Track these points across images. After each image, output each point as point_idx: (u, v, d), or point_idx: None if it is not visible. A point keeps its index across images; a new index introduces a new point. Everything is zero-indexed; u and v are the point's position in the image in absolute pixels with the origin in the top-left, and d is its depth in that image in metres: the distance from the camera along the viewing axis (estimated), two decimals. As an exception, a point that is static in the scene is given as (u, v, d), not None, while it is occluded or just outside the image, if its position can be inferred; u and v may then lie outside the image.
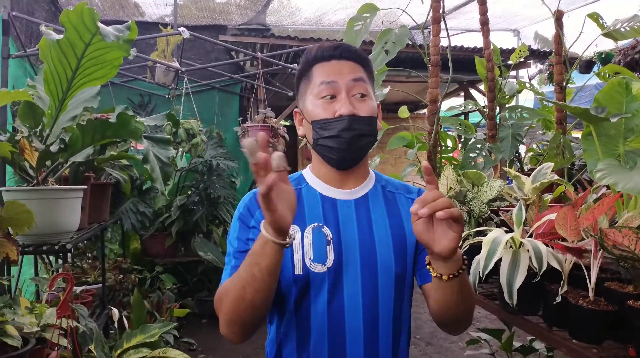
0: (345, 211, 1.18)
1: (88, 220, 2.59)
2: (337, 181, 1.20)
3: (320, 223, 1.15)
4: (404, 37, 2.15)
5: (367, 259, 1.14)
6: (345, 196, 1.20)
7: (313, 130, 1.16)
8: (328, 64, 1.16)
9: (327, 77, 1.14)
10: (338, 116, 1.12)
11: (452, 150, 2.64)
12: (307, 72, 1.19)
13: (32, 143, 2.04)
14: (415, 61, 5.18)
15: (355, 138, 1.12)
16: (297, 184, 1.23)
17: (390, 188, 1.26)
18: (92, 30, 1.66)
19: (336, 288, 1.12)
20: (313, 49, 1.19)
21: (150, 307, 3.96)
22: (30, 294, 2.90)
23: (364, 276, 1.13)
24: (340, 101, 1.13)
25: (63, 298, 1.68)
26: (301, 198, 1.19)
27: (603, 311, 1.13)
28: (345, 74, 1.14)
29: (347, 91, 1.13)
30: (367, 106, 1.15)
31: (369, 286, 1.13)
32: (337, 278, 1.13)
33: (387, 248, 1.15)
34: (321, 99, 1.14)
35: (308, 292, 1.13)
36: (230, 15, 6.18)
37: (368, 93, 1.16)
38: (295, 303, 1.14)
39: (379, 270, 1.14)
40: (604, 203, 1.23)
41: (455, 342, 4.44)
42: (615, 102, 1.43)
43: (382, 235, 1.16)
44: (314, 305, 1.12)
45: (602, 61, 4.76)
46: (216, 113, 6.16)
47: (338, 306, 1.12)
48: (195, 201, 5.00)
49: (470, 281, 1.42)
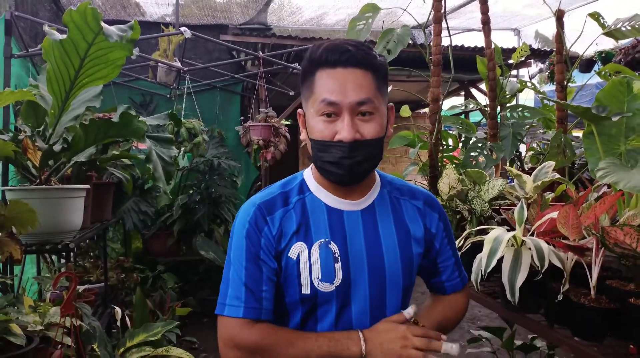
0: (352, 223, 1.12)
1: (90, 219, 2.60)
2: (342, 191, 1.14)
3: (327, 239, 1.10)
4: (406, 37, 2.15)
5: (376, 273, 1.11)
6: (351, 206, 1.14)
7: (312, 148, 1.09)
8: (333, 73, 1.03)
9: (329, 95, 1.02)
10: (337, 141, 1.03)
11: (453, 149, 2.64)
12: (310, 75, 1.07)
13: (35, 143, 2.05)
14: (417, 60, 5.18)
15: (356, 164, 1.05)
16: (300, 193, 1.15)
17: (395, 193, 1.21)
18: (95, 30, 1.67)
19: (344, 306, 1.10)
20: (318, 48, 1.06)
21: (153, 306, 3.97)
22: (33, 293, 2.91)
23: (372, 291, 1.11)
24: (341, 123, 1.03)
25: (67, 297, 1.69)
26: (306, 210, 1.12)
27: (604, 309, 1.13)
28: (349, 93, 1.02)
29: (350, 111, 1.03)
30: (372, 127, 1.05)
31: (377, 301, 1.12)
32: (345, 295, 1.10)
33: (394, 261, 1.13)
34: (322, 116, 1.05)
35: (315, 311, 1.10)
36: (231, 14, 6.18)
37: (376, 111, 1.05)
38: (301, 321, 1.12)
39: (387, 284, 1.12)
40: (605, 201, 1.24)
41: (456, 340, 4.43)
42: (616, 101, 1.44)
43: (390, 247, 1.13)
44: (320, 323, 1.10)
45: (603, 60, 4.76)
46: (217, 113, 6.17)
47: (346, 323, 1.10)
48: (197, 201, 5.01)
49: (472, 280, 1.43)
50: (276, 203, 1.13)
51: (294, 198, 1.14)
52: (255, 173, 6.11)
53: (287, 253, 1.09)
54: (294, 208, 1.12)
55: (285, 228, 1.10)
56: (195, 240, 4.98)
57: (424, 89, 6.57)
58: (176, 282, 4.78)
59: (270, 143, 4.58)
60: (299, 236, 1.10)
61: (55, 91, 1.91)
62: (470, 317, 5.07)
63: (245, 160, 5.99)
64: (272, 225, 1.09)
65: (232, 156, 5.43)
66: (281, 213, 1.11)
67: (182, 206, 4.98)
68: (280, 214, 1.11)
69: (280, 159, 4.84)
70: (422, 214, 1.20)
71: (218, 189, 5.09)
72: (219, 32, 6.07)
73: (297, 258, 1.08)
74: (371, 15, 2.22)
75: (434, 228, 1.21)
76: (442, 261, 1.24)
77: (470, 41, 6.13)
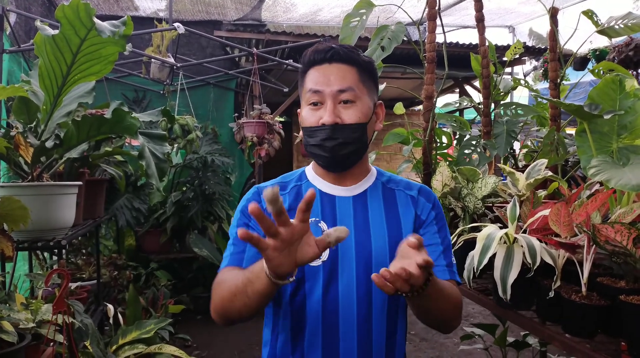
0: (344, 208, 1.20)
1: (83, 216, 2.59)
2: (335, 179, 1.23)
3: (318, 218, 1.17)
4: (400, 34, 2.15)
5: (362, 256, 1.15)
6: (343, 192, 1.21)
7: (304, 136, 1.21)
8: (320, 68, 1.16)
9: (314, 85, 1.16)
10: (321, 125, 1.14)
11: (447, 146, 2.65)
12: (303, 75, 1.21)
13: (27, 139, 2.03)
14: (411, 57, 5.19)
15: (338, 146, 1.14)
16: (298, 181, 1.26)
17: (392, 184, 1.27)
18: (87, 26, 1.65)
19: (331, 283, 1.14)
20: (309, 51, 1.20)
21: (146, 303, 3.96)
22: (24, 290, 2.89)
23: (358, 272, 1.15)
24: (324, 109, 1.14)
25: (59, 294, 1.68)
26: (300, 194, 1.22)
27: (595, 306, 1.14)
28: (332, 82, 1.14)
29: (333, 98, 1.14)
30: (352, 112, 1.15)
31: (363, 283, 1.15)
32: (332, 272, 1.15)
33: (382, 246, 1.16)
34: (309, 105, 1.17)
35: (303, 285, 1.15)
36: (225, 10, 6.16)
37: (357, 99, 1.16)
38: (290, 296, 1.16)
39: (373, 267, 1.15)
40: (597, 199, 1.25)
41: (449, 337, 4.46)
42: (608, 99, 1.45)
43: (378, 232, 1.18)
44: (308, 298, 1.15)
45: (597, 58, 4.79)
46: (211, 109, 6.14)
47: (332, 300, 1.14)
48: (190, 198, 4.99)
49: (465, 277, 1.43)
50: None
51: (290, 185, 1.26)
52: (249, 170, 6.10)
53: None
54: (289, 193, 1.24)
55: None
56: (189, 237, 4.98)
57: (418, 86, 6.57)
58: (169, 280, 4.77)
59: (264, 140, 4.56)
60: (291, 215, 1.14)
61: (47, 87, 1.90)
62: (464, 314, 5.06)
63: (239, 157, 5.98)
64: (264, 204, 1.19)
65: (226, 153, 5.41)
66: None
67: (175, 203, 4.96)
68: None
69: (274, 156, 4.83)
70: (414, 202, 1.23)
71: (211, 186, 5.07)
72: (213, 28, 6.04)
73: None
74: (365, 11, 2.22)
75: (424, 216, 1.23)
76: (427, 246, 1.18)
77: (464, 38, 6.14)
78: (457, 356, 4.09)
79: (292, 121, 7.15)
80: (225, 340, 4.35)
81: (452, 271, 1.21)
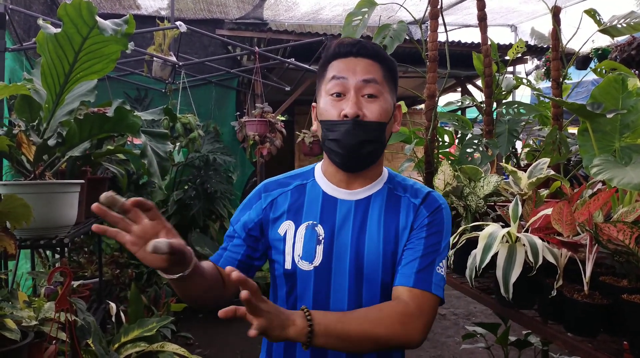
0: (344, 212, 1.16)
1: (85, 215, 2.59)
2: (344, 181, 1.18)
3: (315, 222, 1.15)
4: (402, 32, 2.15)
5: (355, 265, 1.12)
6: (347, 196, 1.17)
7: (322, 130, 1.15)
8: (345, 60, 1.13)
9: (338, 73, 1.11)
10: (343, 117, 1.09)
11: (449, 145, 2.65)
12: (324, 68, 1.17)
13: (29, 137, 2.03)
14: (413, 56, 5.18)
15: (358, 144, 1.09)
16: (305, 179, 1.23)
17: (399, 191, 1.19)
18: (90, 24, 1.65)
19: (321, 288, 1.13)
20: (333, 44, 1.16)
21: (148, 302, 3.97)
22: (27, 288, 2.90)
23: (350, 280, 1.12)
24: (347, 100, 1.09)
25: (61, 292, 1.69)
26: (304, 194, 1.20)
27: (598, 305, 1.14)
28: (357, 72, 1.10)
29: (357, 90, 1.10)
30: (375, 108, 1.10)
31: (354, 292, 1.13)
32: (323, 278, 1.13)
33: (375, 256, 1.12)
34: (330, 96, 1.12)
35: (295, 287, 1.15)
36: (227, 9, 6.16)
37: (380, 94, 1.11)
38: (286, 296, 1.18)
39: (364, 279, 1.12)
40: (600, 198, 1.25)
41: (451, 336, 4.46)
42: (611, 98, 1.45)
43: (374, 241, 1.13)
44: (300, 301, 1.15)
45: (599, 57, 4.78)
46: (213, 108, 6.15)
47: (323, 305, 1.13)
48: (192, 196, 5.00)
49: (467, 275, 1.43)
50: (278, 183, 1.25)
51: (295, 182, 1.24)
52: (251, 169, 6.10)
53: (277, 229, 1.18)
54: (292, 191, 1.22)
55: (277, 205, 1.21)
56: (191, 236, 4.98)
57: (420, 85, 6.57)
58: (171, 278, 4.77)
59: (266, 139, 4.56)
60: (289, 215, 1.18)
61: (49, 85, 1.90)
62: (465, 313, 5.10)
63: (241, 155, 5.98)
64: (263, 201, 1.22)
65: (228, 152, 5.42)
66: (278, 192, 1.23)
67: (177, 202, 4.96)
68: (277, 193, 1.22)
69: (276, 155, 4.83)
70: (415, 211, 1.16)
71: (213, 184, 5.08)
72: (215, 26, 6.04)
73: (284, 235, 1.17)
74: (367, 10, 2.21)
75: (417, 224, 1.14)
76: (407, 249, 1.13)
77: (466, 37, 6.13)
78: (458, 355, 4.09)
79: (294, 119, 7.14)
80: (227, 339, 4.35)
81: (423, 280, 1.08)
